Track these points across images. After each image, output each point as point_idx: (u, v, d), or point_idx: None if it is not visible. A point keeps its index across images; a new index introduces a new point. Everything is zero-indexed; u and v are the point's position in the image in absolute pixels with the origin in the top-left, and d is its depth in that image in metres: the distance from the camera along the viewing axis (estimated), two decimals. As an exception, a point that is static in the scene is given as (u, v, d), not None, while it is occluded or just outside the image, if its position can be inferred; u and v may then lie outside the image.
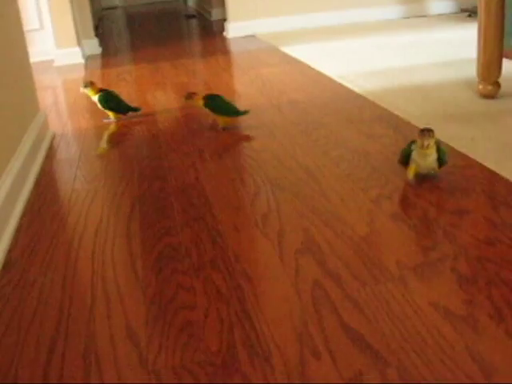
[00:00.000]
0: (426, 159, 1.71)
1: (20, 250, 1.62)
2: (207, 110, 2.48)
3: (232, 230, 1.60)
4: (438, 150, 1.75)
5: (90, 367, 1.13)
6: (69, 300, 1.36)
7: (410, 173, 1.77)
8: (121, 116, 2.82)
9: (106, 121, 2.83)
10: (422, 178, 1.81)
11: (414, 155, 1.73)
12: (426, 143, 1.66)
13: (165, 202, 1.82)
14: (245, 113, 2.48)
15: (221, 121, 2.47)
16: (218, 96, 2.50)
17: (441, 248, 1.42)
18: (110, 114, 2.80)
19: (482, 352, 1.08)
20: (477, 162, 1.92)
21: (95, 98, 2.81)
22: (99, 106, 2.81)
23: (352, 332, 1.16)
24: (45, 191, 2.02)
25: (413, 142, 1.77)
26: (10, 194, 1.79)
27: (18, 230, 1.75)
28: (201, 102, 2.49)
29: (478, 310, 1.19)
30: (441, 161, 1.77)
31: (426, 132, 1.67)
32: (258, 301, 1.28)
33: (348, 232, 1.53)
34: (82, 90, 2.85)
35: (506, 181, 1.76)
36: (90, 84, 2.83)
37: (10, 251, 1.62)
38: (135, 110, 2.83)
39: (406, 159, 1.82)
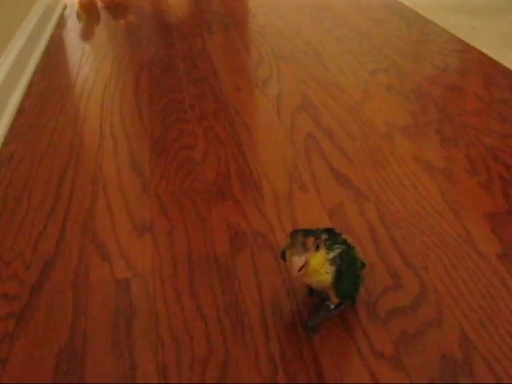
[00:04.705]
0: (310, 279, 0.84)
1: (33, 100, 1.70)
2: None
3: (234, 90, 1.68)
4: (339, 277, 0.83)
5: (98, 192, 1.24)
6: (78, 139, 1.46)
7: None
8: None
9: None
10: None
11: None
12: (295, 265, 0.77)
13: (171, 65, 1.89)
14: None
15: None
16: None
17: (429, 114, 1.51)
18: None
19: (454, 196, 1.18)
20: (475, 48, 1.99)
21: None
22: None
23: (338, 174, 1.26)
24: (56, 53, 2.10)
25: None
26: (23, 52, 1.87)
27: (31, 84, 1.83)
28: None
29: (455, 165, 1.29)
30: (341, 296, 0.86)
31: (298, 240, 0.78)
32: (254, 146, 1.38)
33: (343, 97, 1.62)
34: None
35: (502, 66, 1.83)
36: None
37: (22, 101, 1.71)
38: None
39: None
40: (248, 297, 0.93)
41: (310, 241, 0.78)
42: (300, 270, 0.77)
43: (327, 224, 1.09)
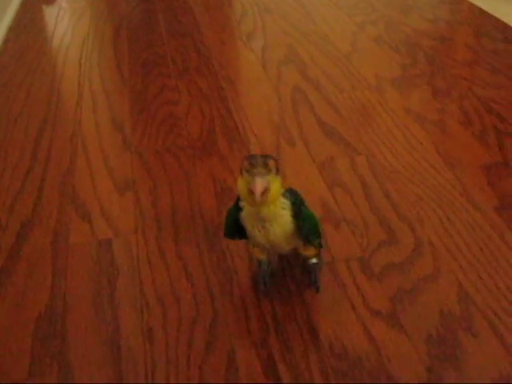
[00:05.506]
0: (265, 226, 0.74)
1: (8, 57, 1.63)
2: None
3: (218, 44, 1.62)
4: (298, 213, 0.74)
5: (77, 150, 1.19)
6: (56, 96, 1.39)
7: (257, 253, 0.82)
8: None
9: None
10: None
11: (244, 217, 0.75)
12: (259, 186, 0.66)
13: (152, 20, 1.82)
14: None
15: None
16: None
17: (419, 66, 1.46)
18: None
19: (448, 148, 1.14)
20: (465, 0, 1.93)
21: None
22: None
23: (327, 127, 1.21)
24: (31, 9, 2.01)
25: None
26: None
27: (5, 41, 1.76)
28: None
29: (448, 116, 1.25)
30: (306, 235, 0.76)
31: (259, 161, 0.67)
32: (240, 100, 1.32)
33: (330, 49, 1.56)
34: None
35: (493, 17, 1.77)
36: None
37: (-3, 58, 1.64)
38: None
39: (233, 227, 0.79)
40: (236, 254, 0.89)
41: (271, 162, 0.68)
42: (263, 194, 0.66)
43: (319, 179, 1.05)
